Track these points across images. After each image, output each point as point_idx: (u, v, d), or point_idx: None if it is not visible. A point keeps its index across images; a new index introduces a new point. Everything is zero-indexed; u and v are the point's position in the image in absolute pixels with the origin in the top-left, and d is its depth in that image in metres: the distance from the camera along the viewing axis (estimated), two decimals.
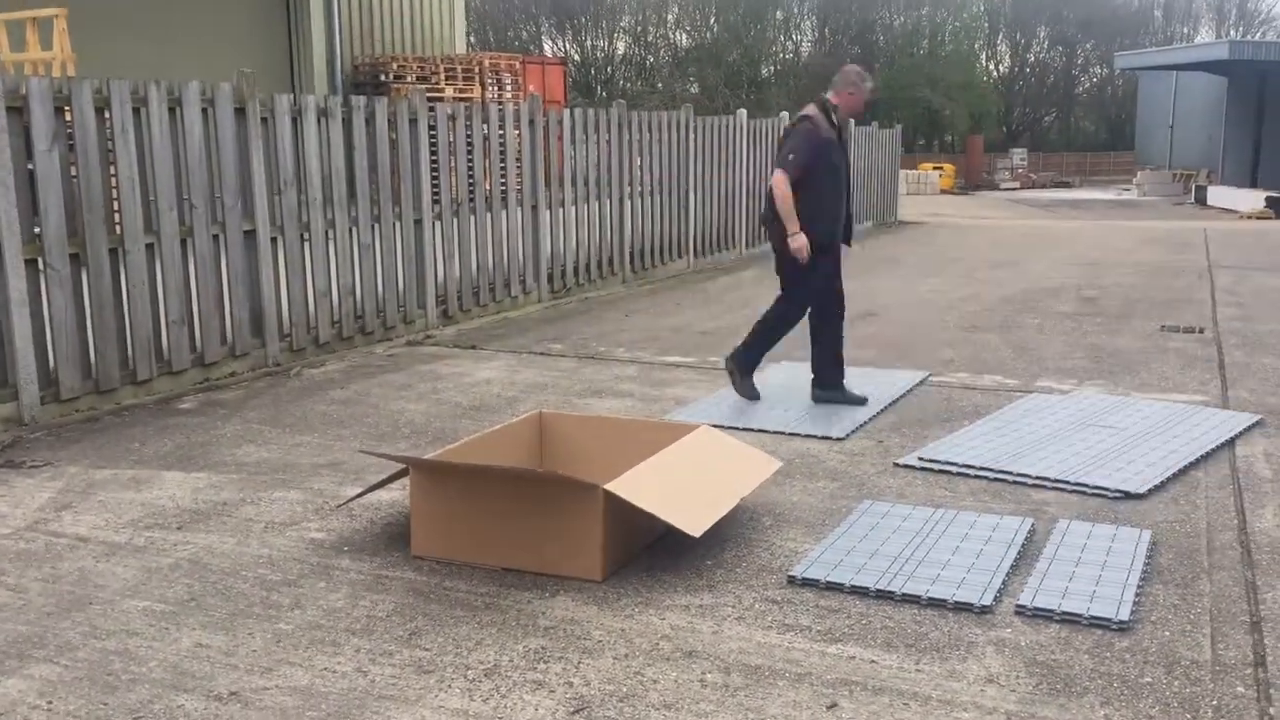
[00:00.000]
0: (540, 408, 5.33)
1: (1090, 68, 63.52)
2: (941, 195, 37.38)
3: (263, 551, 3.92)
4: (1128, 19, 61.95)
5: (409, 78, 18.52)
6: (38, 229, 5.70)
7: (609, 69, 58.28)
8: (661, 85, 54.59)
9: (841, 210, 5.98)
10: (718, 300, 10.21)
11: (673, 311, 9.53)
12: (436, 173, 8.49)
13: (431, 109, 8.47)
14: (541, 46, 55.76)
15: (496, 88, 19.59)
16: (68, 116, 5.82)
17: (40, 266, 5.71)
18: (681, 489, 3.84)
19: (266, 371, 6.97)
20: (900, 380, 6.55)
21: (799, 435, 5.42)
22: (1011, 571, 3.67)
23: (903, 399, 6.16)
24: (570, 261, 10.33)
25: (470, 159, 8.85)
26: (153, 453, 5.19)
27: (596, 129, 10.64)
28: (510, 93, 19.65)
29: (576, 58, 56.20)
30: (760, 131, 14.15)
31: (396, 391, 6.44)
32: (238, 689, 2.92)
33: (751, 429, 5.48)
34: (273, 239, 7.05)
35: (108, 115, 6.00)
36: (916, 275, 12.06)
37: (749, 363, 6.20)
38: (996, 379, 6.71)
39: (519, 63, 21.02)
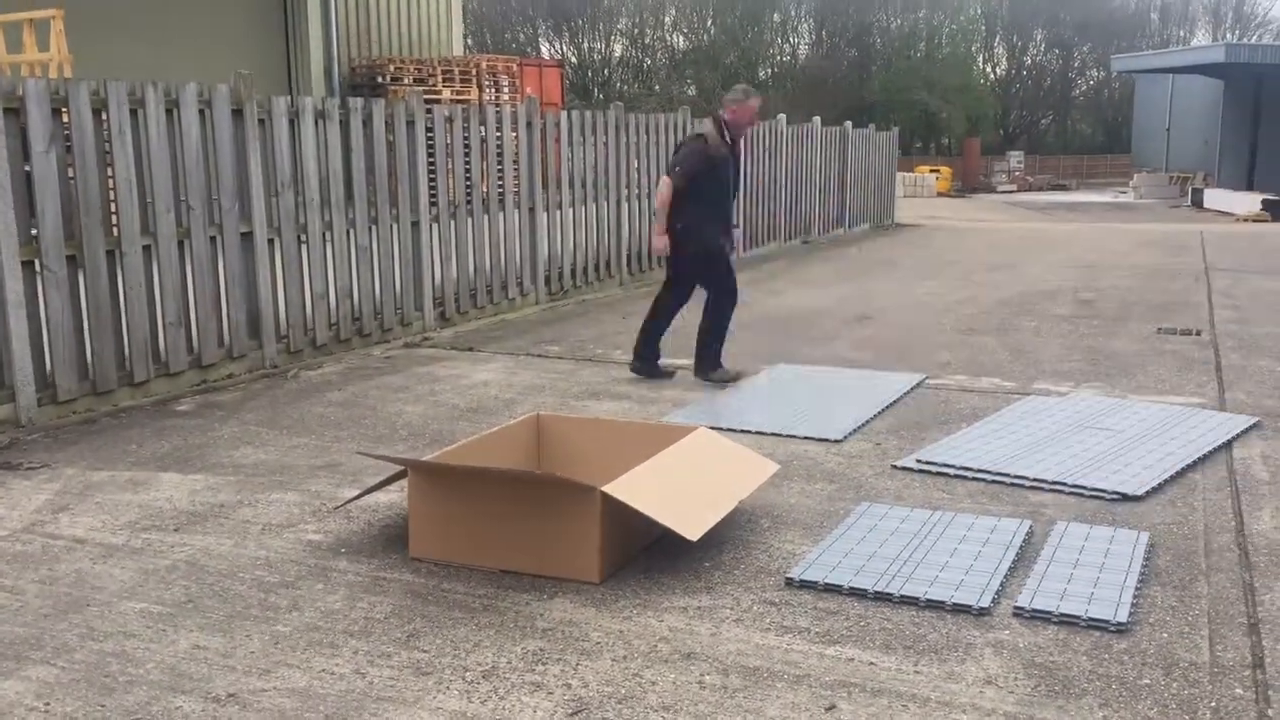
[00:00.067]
0: (538, 410, 5.33)
1: (1087, 70, 63.67)
2: (938, 198, 37.44)
3: (260, 553, 3.91)
4: (1124, 22, 62.09)
5: (406, 80, 18.53)
6: (34, 231, 5.70)
7: (606, 71, 58.33)
8: (659, 87, 54.64)
9: (727, 216, 6.78)
10: None
11: None
12: (434, 175, 8.49)
13: (429, 111, 8.47)
14: (539, 49, 55.81)
15: (494, 90, 19.61)
16: (65, 118, 5.81)
17: (37, 268, 5.70)
18: (679, 491, 3.84)
19: (264, 373, 6.97)
20: (898, 383, 6.56)
21: (796, 437, 5.42)
22: (1009, 573, 3.67)
23: (900, 401, 6.17)
24: (568, 263, 10.33)
25: (468, 161, 8.86)
26: (150, 454, 5.18)
27: (594, 131, 10.65)
28: (507, 95, 19.66)
29: (574, 60, 56.24)
30: (757, 133, 14.15)
31: (394, 393, 6.44)
32: (235, 691, 2.92)
33: (749, 431, 5.48)
34: (270, 241, 7.05)
35: (105, 117, 6.00)
36: (913, 278, 12.07)
37: (712, 360, 6.76)
38: (994, 381, 6.71)
39: (516, 65, 21.04)
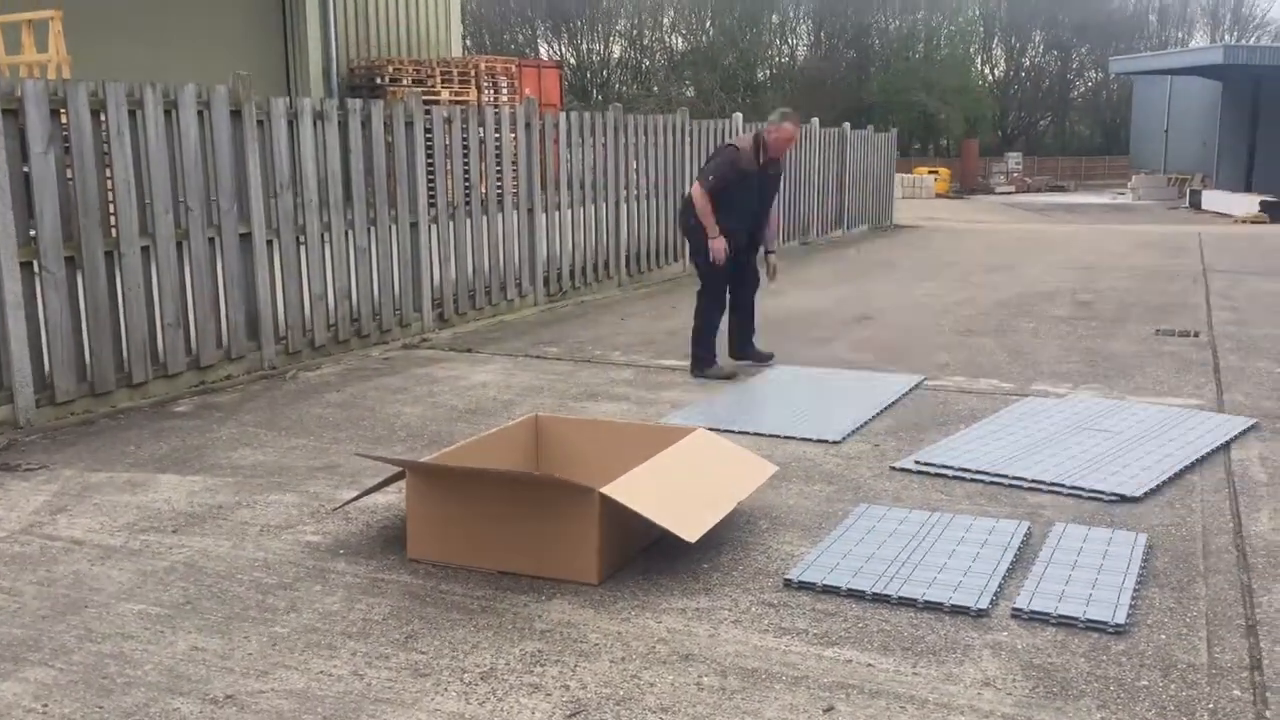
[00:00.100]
0: (536, 411, 5.33)
1: (1085, 72, 63.73)
2: (937, 199, 37.45)
3: (258, 555, 3.91)
4: (1123, 23, 62.15)
5: (405, 81, 18.53)
6: (33, 232, 5.70)
7: (605, 72, 58.34)
8: (657, 89, 54.65)
9: (750, 222, 6.98)
10: None
11: (669, 314, 9.53)
12: (432, 176, 8.49)
13: (427, 112, 8.47)
14: (537, 50, 55.82)
15: (492, 91, 19.62)
16: (63, 119, 5.81)
17: (35, 269, 5.70)
18: (678, 493, 3.84)
19: (262, 374, 6.97)
20: (896, 384, 6.56)
21: (795, 439, 5.42)
22: (1008, 575, 3.67)
23: (899, 402, 6.17)
24: (566, 265, 10.33)
25: (466, 162, 8.86)
26: (148, 456, 5.18)
27: (592, 132, 10.65)
28: (506, 96, 19.67)
29: (572, 61, 56.26)
30: None
31: (392, 395, 6.44)
32: (233, 692, 2.92)
33: (747, 432, 5.48)
34: (268, 242, 7.04)
35: (103, 118, 5.99)
36: (912, 279, 12.08)
37: (706, 358, 6.94)
38: (992, 383, 6.71)
39: (515, 66, 21.05)
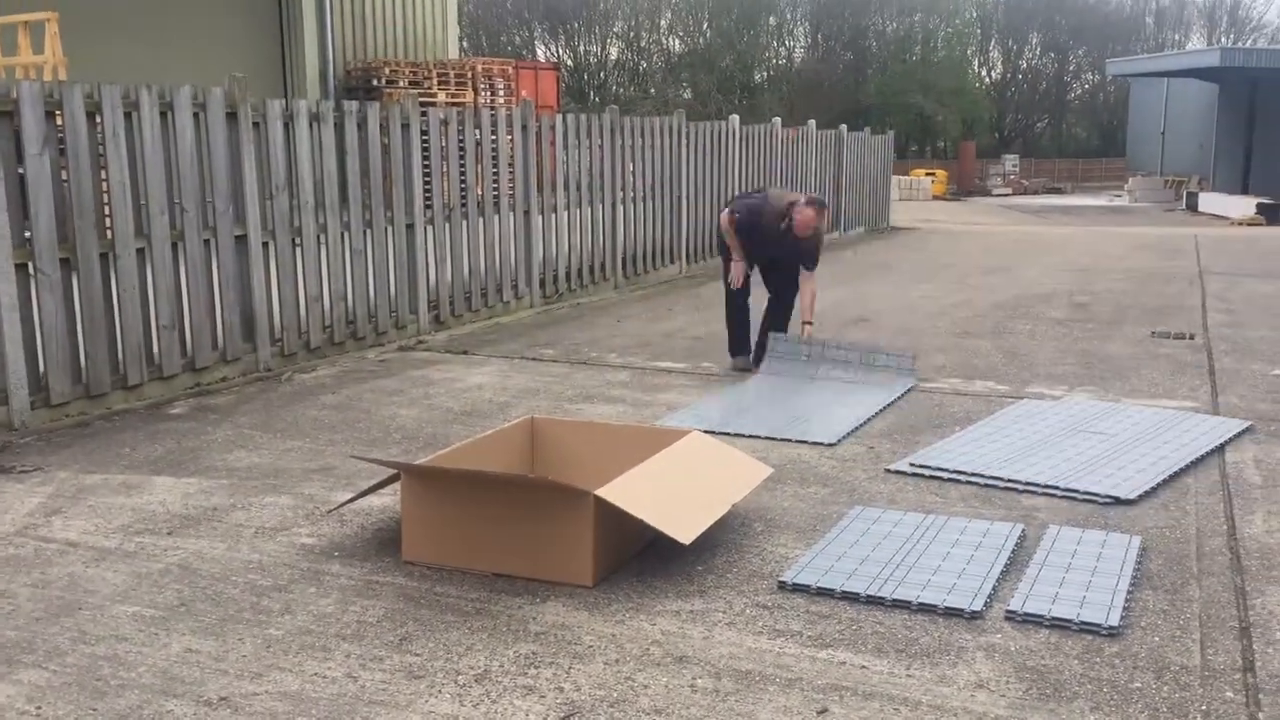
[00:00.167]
0: (532, 413, 5.33)
1: (1082, 74, 63.85)
2: (934, 201, 37.50)
3: (253, 557, 3.91)
4: (1119, 25, 62.28)
5: (401, 83, 18.51)
6: (28, 233, 5.69)
7: (602, 74, 58.38)
8: (654, 90, 54.69)
9: (762, 258, 7.26)
10: (710, 306, 10.20)
11: (665, 317, 9.54)
12: (429, 178, 8.49)
13: (424, 114, 8.47)
14: (534, 51, 55.87)
15: (489, 93, 19.61)
16: (58, 121, 5.81)
17: (30, 271, 5.69)
18: (672, 495, 3.84)
19: (258, 376, 6.97)
20: (894, 386, 6.56)
21: (790, 441, 5.42)
22: (1002, 577, 3.67)
23: (894, 404, 6.17)
24: (562, 267, 10.33)
25: (462, 164, 8.86)
26: (143, 458, 5.18)
27: (589, 134, 10.65)
28: (503, 98, 19.66)
29: (569, 63, 56.28)
30: (753, 137, 14.17)
31: (388, 397, 6.44)
32: (228, 694, 2.92)
33: (743, 434, 5.48)
34: (264, 244, 7.04)
35: (99, 120, 5.99)
36: (908, 281, 12.09)
37: (732, 349, 7.34)
38: (988, 385, 6.72)
39: (512, 68, 21.03)
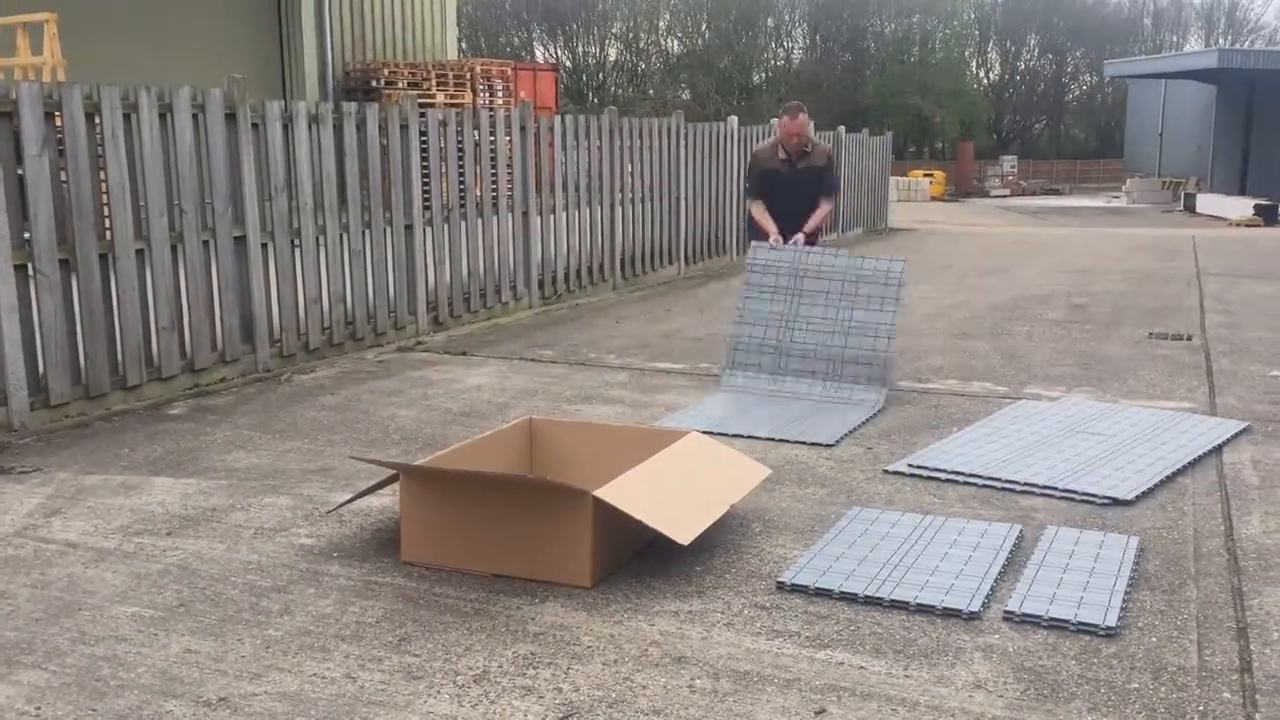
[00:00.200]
0: (530, 414, 5.33)
1: (1080, 75, 63.87)
2: (932, 202, 37.51)
3: (252, 557, 3.91)
4: (1117, 27, 62.32)
5: (400, 84, 18.51)
6: (27, 235, 5.70)
7: (600, 75, 58.37)
8: (653, 92, 54.70)
9: (780, 219, 7.22)
10: (708, 307, 10.23)
11: (663, 318, 9.55)
12: (428, 179, 8.50)
13: (423, 115, 8.48)
14: (533, 52, 55.87)
15: (488, 94, 19.61)
16: (58, 122, 5.81)
17: (30, 272, 5.69)
18: (671, 496, 3.85)
19: (257, 377, 6.97)
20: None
21: (788, 442, 5.43)
22: (999, 578, 3.68)
23: (892, 405, 6.18)
24: (561, 268, 10.34)
25: (461, 165, 8.86)
26: (142, 458, 5.18)
27: (588, 135, 10.66)
28: (501, 99, 19.66)
29: (568, 64, 56.28)
30: (751, 138, 14.17)
31: (387, 398, 6.44)
32: (227, 695, 2.92)
33: (741, 435, 5.49)
34: (263, 245, 7.05)
35: (98, 121, 6.00)
36: (907, 282, 12.07)
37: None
38: (986, 386, 6.73)
39: (510, 69, 21.04)
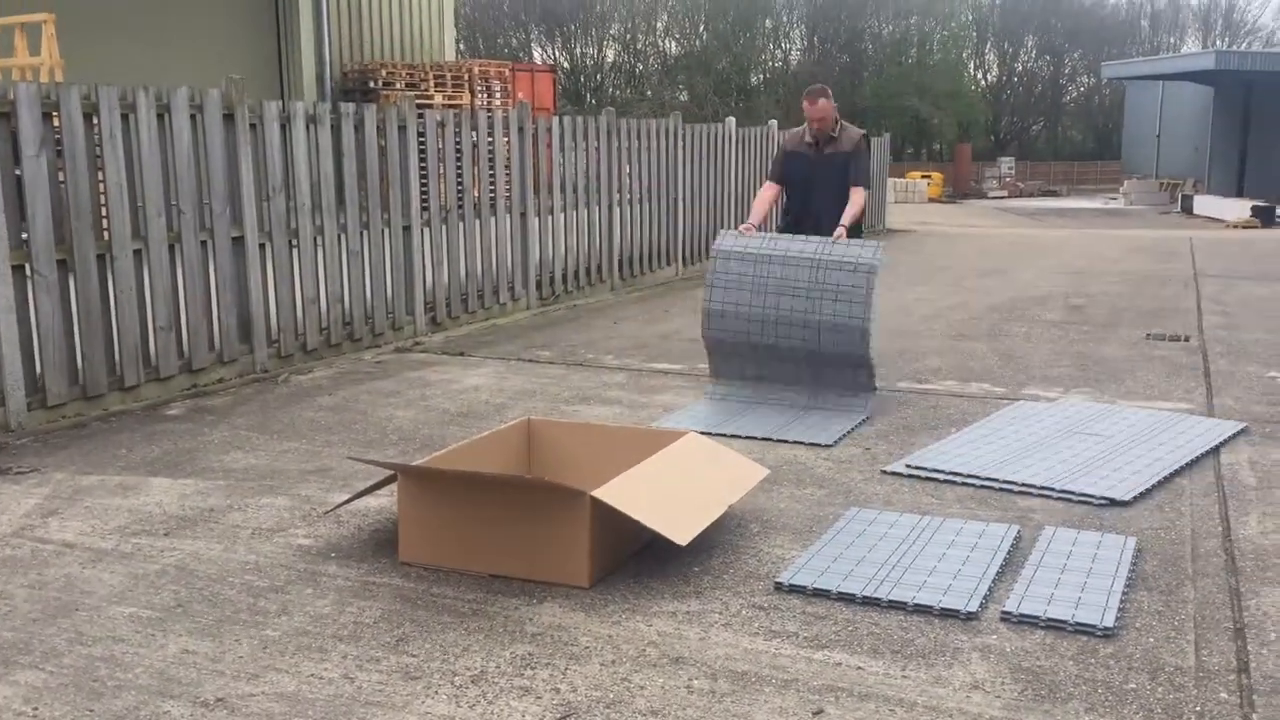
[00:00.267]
0: (528, 414, 5.33)
1: (1078, 77, 63.92)
2: (929, 203, 37.51)
3: (250, 558, 3.91)
4: (1115, 28, 62.37)
5: (398, 85, 18.51)
6: (24, 235, 5.69)
7: (598, 76, 58.39)
8: (651, 93, 54.73)
9: (799, 204, 6.87)
10: None
11: (661, 319, 9.55)
12: (425, 180, 8.50)
13: (420, 116, 8.48)
14: (531, 54, 55.87)
15: (486, 95, 19.61)
16: (55, 122, 5.81)
17: (27, 273, 5.69)
18: (669, 496, 3.85)
19: (254, 378, 6.96)
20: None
21: (787, 442, 5.43)
22: (997, 578, 3.68)
23: (890, 406, 6.18)
24: (559, 268, 10.34)
25: (459, 166, 8.86)
26: (140, 459, 5.18)
27: (585, 136, 10.66)
28: (499, 100, 19.67)
29: (566, 65, 56.29)
30: (749, 139, 14.18)
31: (385, 398, 6.44)
32: (224, 695, 2.92)
33: (739, 436, 5.49)
34: (261, 245, 7.04)
35: (96, 121, 5.99)
36: (904, 283, 12.09)
37: None
38: (984, 387, 6.73)
39: (508, 70, 21.04)
